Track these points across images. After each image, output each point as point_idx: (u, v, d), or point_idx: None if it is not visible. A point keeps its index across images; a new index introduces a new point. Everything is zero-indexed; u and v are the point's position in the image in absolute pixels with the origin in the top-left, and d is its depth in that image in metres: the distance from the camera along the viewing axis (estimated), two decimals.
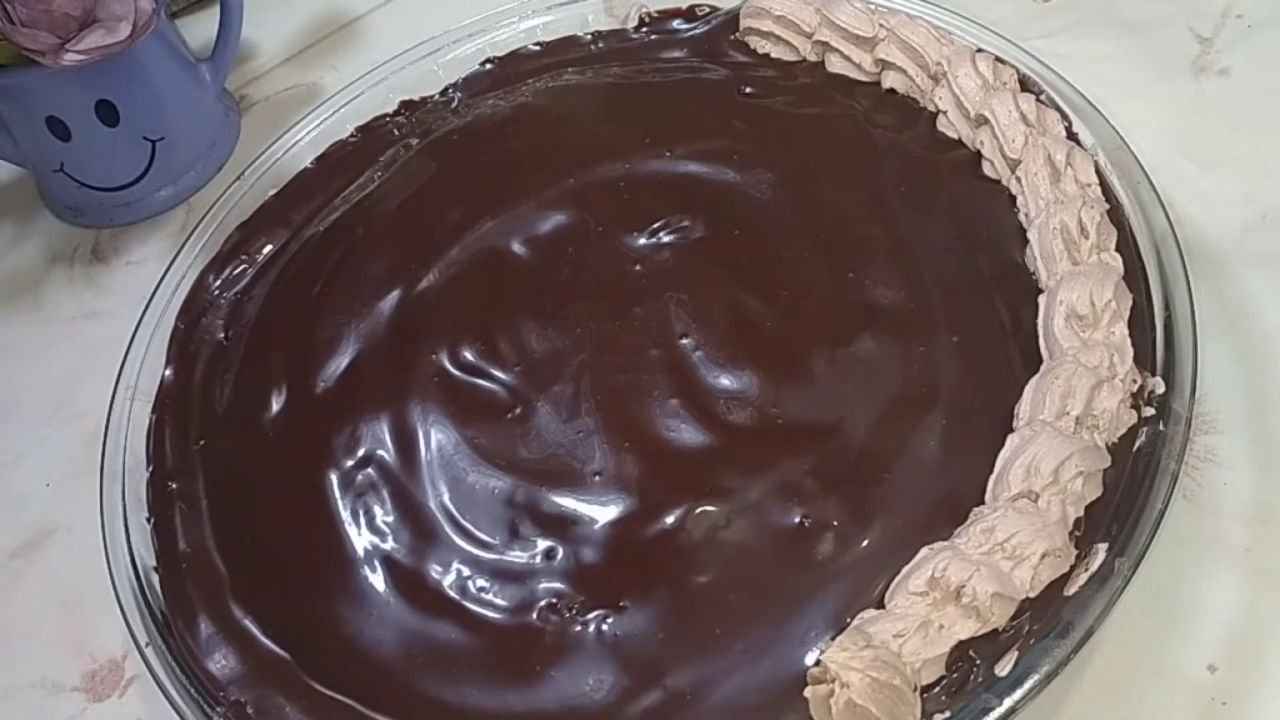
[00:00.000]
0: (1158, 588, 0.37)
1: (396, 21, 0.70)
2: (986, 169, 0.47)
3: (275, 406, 0.46)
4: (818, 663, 0.33)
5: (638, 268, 0.47)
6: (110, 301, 0.59)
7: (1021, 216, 0.44)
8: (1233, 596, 0.38)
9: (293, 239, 0.54)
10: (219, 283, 0.52)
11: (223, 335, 0.50)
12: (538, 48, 0.59)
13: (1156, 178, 0.42)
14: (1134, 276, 0.41)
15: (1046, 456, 0.35)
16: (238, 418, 0.47)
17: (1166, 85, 0.53)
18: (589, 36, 0.59)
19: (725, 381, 0.42)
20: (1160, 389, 0.38)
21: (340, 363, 0.47)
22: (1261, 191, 0.48)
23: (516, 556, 0.40)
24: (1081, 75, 0.47)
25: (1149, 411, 0.37)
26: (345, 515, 0.42)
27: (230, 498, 0.44)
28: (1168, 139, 0.50)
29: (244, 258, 0.53)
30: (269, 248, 0.53)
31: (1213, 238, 0.46)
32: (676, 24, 0.58)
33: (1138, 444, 0.37)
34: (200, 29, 0.69)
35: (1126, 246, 0.42)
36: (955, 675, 0.33)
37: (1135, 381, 0.38)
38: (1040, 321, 0.41)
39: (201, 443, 0.46)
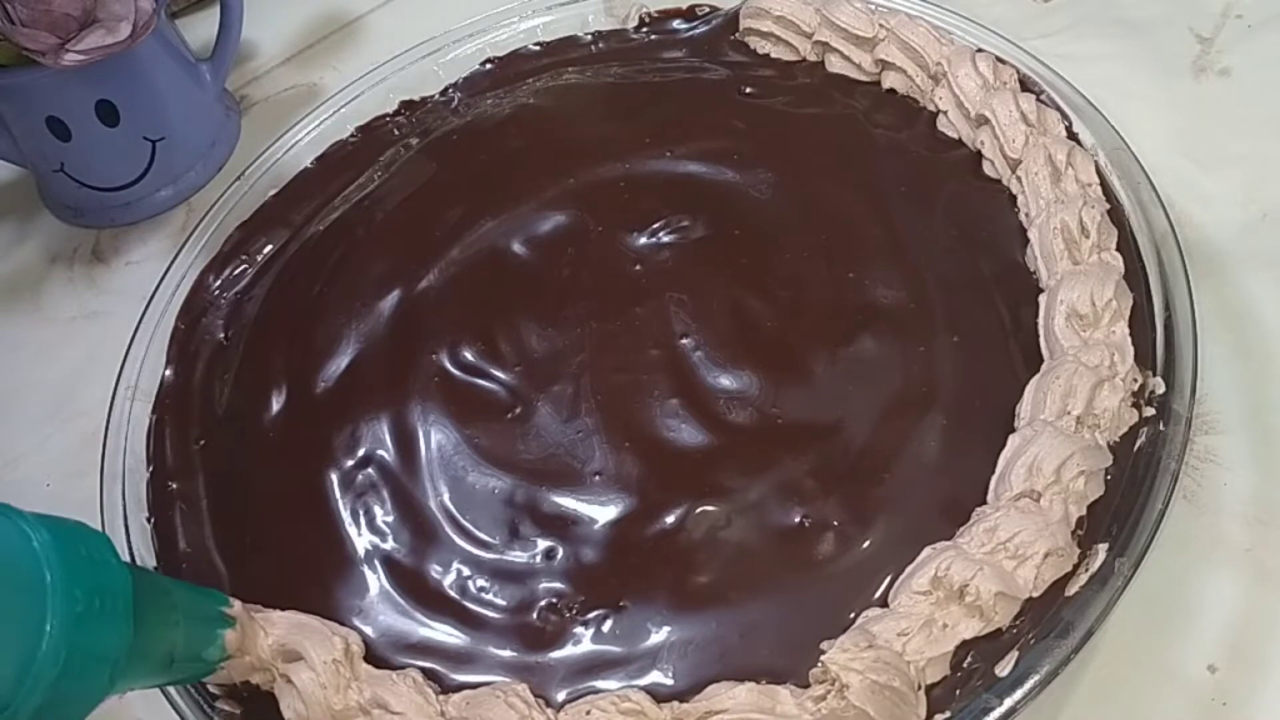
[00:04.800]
0: (1158, 588, 0.37)
1: (396, 21, 0.70)
2: (987, 169, 0.47)
3: (275, 406, 0.46)
4: (819, 663, 0.33)
5: (638, 268, 0.47)
6: (110, 301, 0.59)
7: (1022, 216, 0.44)
8: (1233, 596, 0.38)
9: (293, 239, 0.54)
10: (219, 283, 0.52)
11: (223, 335, 0.50)
12: (538, 48, 0.59)
13: (1156, 178, 0.42)
14: (1134, 276, 0.41)
15: (1048, 456, 0.35)
16: (238, 418, 0.47)
17: (1166, 85, 0.53)
18: (589, 37, 0.59)
19: (725, 381, 0.42)
20: (1160, 389, 0.38)
21: (340, 363, 0.47)
22: (1261, 191, 0.48)
23: (516, 556, 0.40)
24: (1081, 75, 0.47)
25: (1149, 411, 0.37)
26: (345, 515, 0.42)
27: (230, 497, 0.44)
28: (1168, 139, 0.50)
29: (244, 258, 0.53)
30: (269, 248, 0.53)
31: (1213, 238, 0.47)
32: (676, 24, 0.58)
33: (1138, 444, 0.37)
34: (200, 29, 0.69)
35: (1126, 246, 0.42)
36: (959, 675, 0.33)
37: (1136, 381, 0.38)
38: (1041, 321, 0.41)
39: (202, 443, 0.46)
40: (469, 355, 0.46)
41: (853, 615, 0.35)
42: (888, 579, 0.36)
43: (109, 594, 0.29)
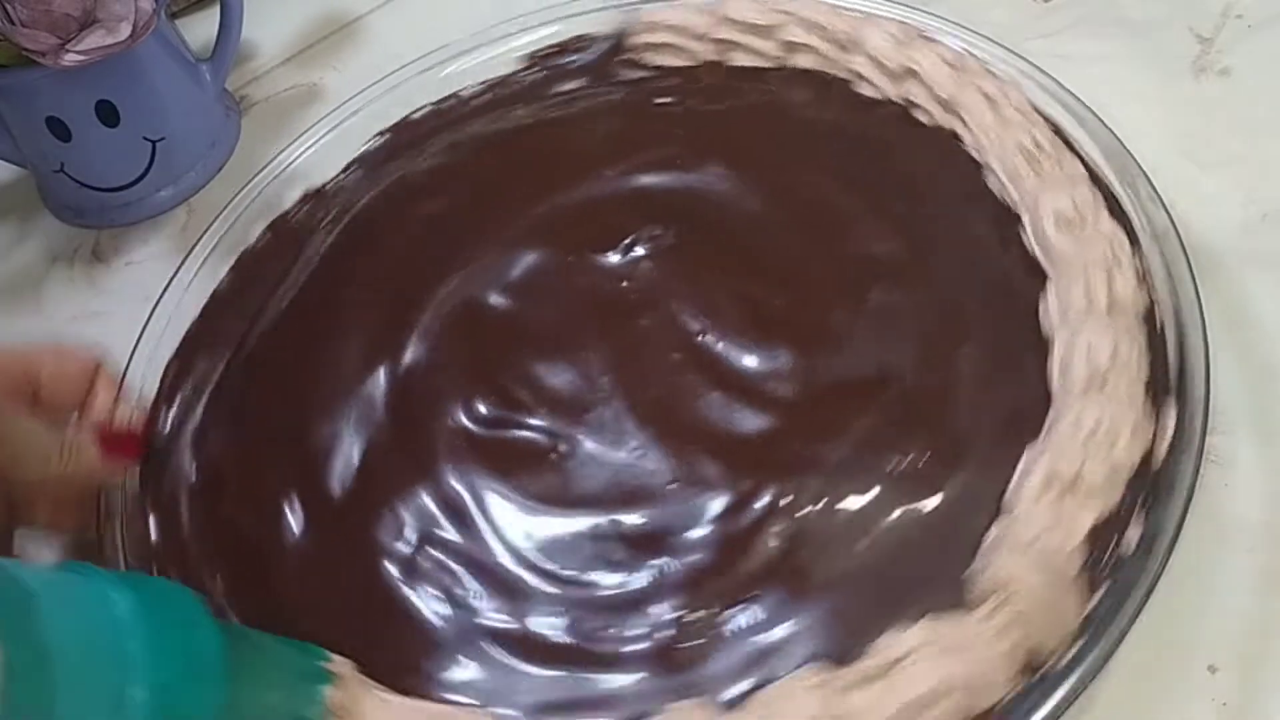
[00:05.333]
0: (1158, 589, 0.35)
1: (397, 22, 0.69)
2: (920, 116, 0.49)
3: (296, 526, 0.43)
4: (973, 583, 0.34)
5: (624, 284, 0.47)
6: (110, 302, 0.59)
7: (971, 150, 0.47)
8: (1234, 597, 0.37)
9: (235, 357, 0.50)
10: (169, 424, 0.48)
11: (194, 478, 0.46)
12: (429, 108, 0.58)
13: (1156, 178, 0.43)
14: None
15: (1099, 344, 0.38)
16: (254, 555, 0.43)
17: (1166, 85, 0.53)
18: (478, 87, 0.58)
19: (758, 363, 0.43)
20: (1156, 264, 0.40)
21: (350, 457, 0.44)
22: (1261, 192, 0.47)
23: (621, 585, 0.38)
24: (1081, 76, 0.47)
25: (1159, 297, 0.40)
26: (421, 602, 0.40)
27: (279, 633, 0.40)
28: (1167, 139, 0.50)
29: (190, 388, 0.49)
30: (216, 372, 0.50)
31: (1213, 239, 0.46)
32: (565, 58, 0.58)
33: (1159, 320, 0.39)
34: (200, 29, 0.67)
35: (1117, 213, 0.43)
36: (1095, 559, 0.35)
37: (1138, 265, 0.41)
38: (1030, 233, 0.43)
39: (224, 588, 0.42)
40: (484, 410, 0.44)
41: (978, 539, 0.36)
42: (996, 496, 0.37)
43: (200, 658, 0.28)
